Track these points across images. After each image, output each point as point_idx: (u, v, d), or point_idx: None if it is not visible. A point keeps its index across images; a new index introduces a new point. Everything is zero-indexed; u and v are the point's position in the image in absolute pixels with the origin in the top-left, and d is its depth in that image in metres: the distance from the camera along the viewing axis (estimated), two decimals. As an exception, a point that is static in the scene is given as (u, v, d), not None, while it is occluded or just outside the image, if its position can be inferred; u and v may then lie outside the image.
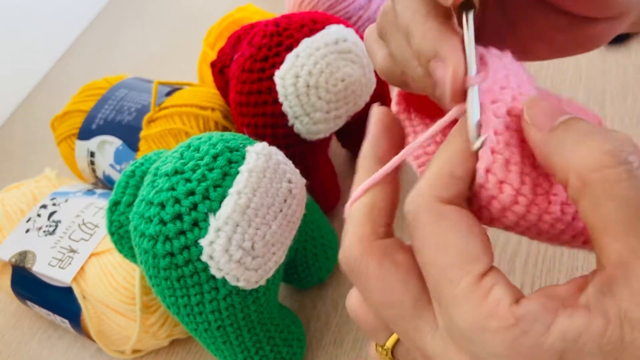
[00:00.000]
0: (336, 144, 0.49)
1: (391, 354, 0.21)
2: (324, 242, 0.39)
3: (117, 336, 0.40)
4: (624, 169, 0.15)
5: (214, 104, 0.47)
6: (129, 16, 0.93)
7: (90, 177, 0.52)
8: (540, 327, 0.15)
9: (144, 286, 0.38)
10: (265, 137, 0.39)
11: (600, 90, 0.45)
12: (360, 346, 0.37)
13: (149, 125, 0.47)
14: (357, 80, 0.38)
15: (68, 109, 0.53)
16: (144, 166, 0.33)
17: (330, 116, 0.38)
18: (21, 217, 0.46)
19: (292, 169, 0.33)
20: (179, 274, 0.29)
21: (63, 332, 0.46)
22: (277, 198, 0.31)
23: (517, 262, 0.37)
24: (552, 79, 0.48)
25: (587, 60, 0.48)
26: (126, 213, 0.32)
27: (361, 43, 0.39)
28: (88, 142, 0.50)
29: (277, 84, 0.37)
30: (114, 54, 0.85)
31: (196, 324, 0.32)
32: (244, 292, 0.31)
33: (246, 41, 0.40)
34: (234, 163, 0.30)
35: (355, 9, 0.54)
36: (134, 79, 0.54)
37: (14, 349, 0.47)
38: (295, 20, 0.39)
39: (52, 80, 0.87)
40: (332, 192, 0.44)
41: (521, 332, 0.15)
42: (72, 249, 0.41)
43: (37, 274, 0.42)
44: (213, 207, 0.29)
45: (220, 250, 0.28)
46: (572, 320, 0.15)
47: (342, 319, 0.39)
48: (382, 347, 0.21)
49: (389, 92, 0.46)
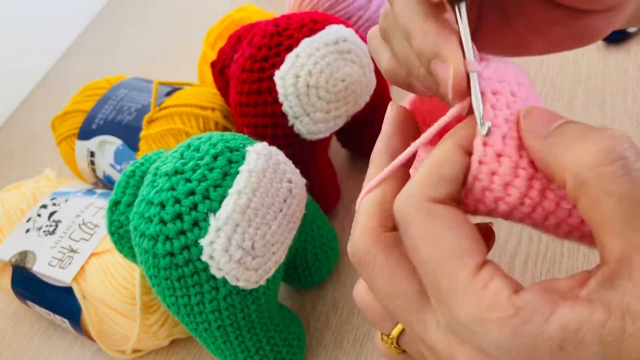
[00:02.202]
0: (336, 144, 0.49)
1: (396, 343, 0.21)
2: (324, 242, 0.39)
3: (117, 336, 0.40)
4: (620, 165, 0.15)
5: (214, 104, 0.47)
6: (129, 16, 0.93)
7: (90, 177, 0.52)
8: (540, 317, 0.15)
9: (144, 286, 0.38)
10: (265, 137, 0.39)
11: (600, 90, 0.45)
12: (360, 346, 0.37)
13: (149, 125, 0.47)
14: (357, 80, 0.38)
15: (68, 109, 0.53)
16: (144, 166, 0.33)
17: (330, 116, 0.38)
18: (21, 217, 0.46)
19: (292, 169, 0.33)
20: (179, 274, 0.29)
21: (63, 332, 0.46)
22: (277, 198, 0.31)
23: (517, 262, 0.37)
24: (552, 79, 0.48)
25: (587, 60, 0.48)
26: (126, 213, 0.32)
27: (361, 43, 0.39)
28: (88, 142, 0.50)
29: (277, 84, 0.37)
30: (114, 54, 0.85)
31: (196, 323, 0.32)
32: (244, 292, 0.31)
33: (246, 41, 0.40)
34: (234, 163, 0.30)
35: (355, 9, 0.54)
36: (134, 79, 0.54)
37: (14, 349, 0.47)
38: (295, 20, 0.39)
39: (52, 80, 0.87)
40: (332, 192, 0.45)
41: (521, 321, 0.15)
42: (72, 249, 0.41)
43: (38, 273, 0.42)
44: (213, 207, 0.29)
45: (221, 250, 0.28)
46: (574, 311, 0.15)
47: (342, 319, 0.39)
48: (387, 336, 0.21)
49: (389, 92, 0.46)
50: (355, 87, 0.38)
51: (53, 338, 0.46)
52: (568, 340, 0.15)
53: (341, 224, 0.45)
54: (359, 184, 0.23)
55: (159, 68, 0.75)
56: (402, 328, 0.21)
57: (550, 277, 0.36)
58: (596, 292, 0.16)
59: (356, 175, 0.47)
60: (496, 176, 0.18)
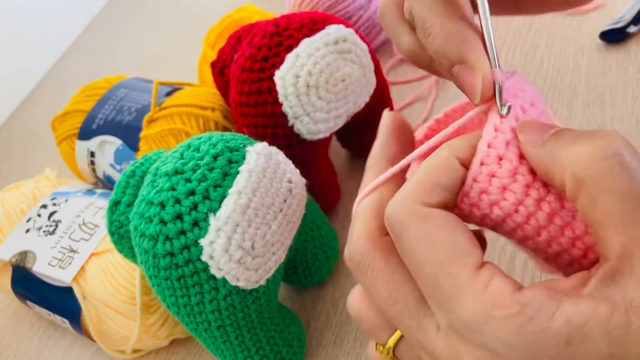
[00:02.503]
0: (336, 144, 0.49)
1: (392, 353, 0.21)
2: (324, 242, 0.39)
3: (117, 336, 0.40)
4: (616, 162, 0.16)
5: (214, 104, 0.47)
6: (129, 16, 0.93)
7: (90, 177, 0.53)
8: (545, 314, 0.15)
9: (144, 286, 0.38)
10: (265, 137, 0.39)
11: (600, 90, 0.45)
12: (360, 346, 0.37)
13: (149, 125, 0.47)
14: (357, 80, 0.38)
15: (68, 109, 0.53)
16: (144, 166, 0.33)
17: (330, 116, 0.38)
18: (21, 217, 0.46)
19: (292, 169, 0.33)
20: (179, 274, 0.29)
21: (63, 332, 0.46)
22: (277, 198, 0.31)
23: (517, 262, 0.37)
24: (552, 79, 0.48)
25: (587, 60, 0.48)
26: (126, 213, 0.32)
27: (361, 43, 0.39)
28: (88, 142, 0.50)
29: (277, 84, 0.37)
30: (114, 54, 0.85)
31: (196, 323, 0.32)
32: (244, 292, 0.31)
33: (246, 41, 0.40)
34: (234, 163, 0.30)
35: (355, 9, 0.54)
36: (134, 79, 0.54)
37: (14, 349, 0.47)
38: (295, 20, 0.39)
39: (52, 80, 0.87)
40: (332, 192, 0.45)
41: (527, 318, 0.15)
42: (72, 249, 0.41)
43: (38, 273, 0.42)
44: (213, 207, 0.29)
45: (221, 250, 0.28)
46: (578, 307, 0.15)
47: (342, 318, 0.39)
48: (383, 346, 0.21)
49: (389, 92, 0.46)
50: (355, 87, 0.38)
51: (53, 338, 0.46)
52: (574, 335, 0.15)
53: (341, 224, 0.45)
54: (359, 184, 0.23)
55: (159, 68, 0.76)
56: (398, 337, 0.20)
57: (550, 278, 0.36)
58: (599, 289, 0.16)
59: (356, 175, 0.47)
60: (495, 178, 0.18)
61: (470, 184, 0.19)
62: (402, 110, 0.52)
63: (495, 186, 0.18)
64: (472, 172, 0.19)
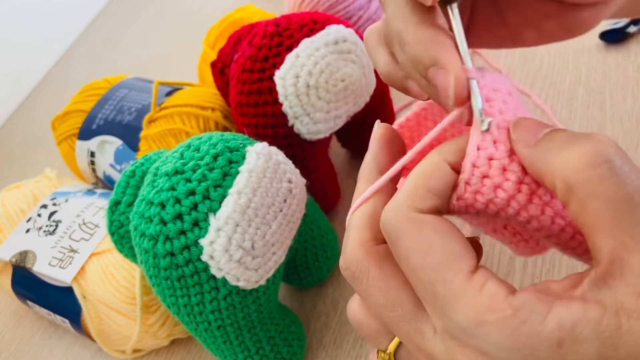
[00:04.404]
0: (336, 144, 0.49)
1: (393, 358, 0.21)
2: (324, 242, 0.39)
3: (118, 336, 0.40)
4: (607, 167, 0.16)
5: (214, 104, 0.47)
6: (129, 16, 0.93)
7: (90, 177, 0.53)
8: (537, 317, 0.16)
9: (144, 286, 0.38)
10: (265, 137, 0.39)
11: (600, 90, 0.45)
12: (360, 346, 0.37)
13: (149, 125, 0.47)
14: (357, 80, 0.38)
15: (68, 109, 0.53)
16: (144, 166, 0.33)
17: (330, 116, 0.38)
18: (21, 217, 0.46)
19: (292, 169, 0.33)
20: (179, 274, 0.29)
21: (63, 332, 0.46)
22: (277, 198, 0.31)
23: (517, 262, 0.37)
24: (552, 79, 0.48)
25: (587, 60, 0.48)
26: (126, 213, 0.32)
27: (361, 43, 0.39)
28: (88, 142, 0.50)
29: (277, 84, 0.37)
30: (114, 54, 0.85)
31: (196, 323, 0.32)
32: (244, 291, 0.31)
33: (246, 41, 0.40)
34: (234, 163, 0.30)
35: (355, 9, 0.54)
36: (134, 79, 0.54)
37: (14, 349, 0.47)
38: (295, 20, 0.39)
39: (52, 80, 0.87)
40: (332, 192, 0.45)
41: (520, 322, 0.16)
42: (72, 249, 0.41)
43: (38, 273, 0.42)
44: (213, 207, 0.29)
45: (221, 250, 0.28)
46: (569, 310, 0.16)
47: (342, 318, 0.39)
48: (384, 352, 0.21)
49: (389, 92, 0.46)
50: (355, 87, 0.38)
51: (53, 338, 0.46)
52: (565, 338, 0.15)
53: (341, 224, 0.45)
54: (359, 184, 0.23)
55: (159, 68, 0.76)
56: (398, 342, 0.21)
57: (550, 277, 0.36)
58: (590, 291, 0.16)
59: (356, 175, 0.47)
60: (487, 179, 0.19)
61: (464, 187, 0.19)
62: (402, 110, 0.52)
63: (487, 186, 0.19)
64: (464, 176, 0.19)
